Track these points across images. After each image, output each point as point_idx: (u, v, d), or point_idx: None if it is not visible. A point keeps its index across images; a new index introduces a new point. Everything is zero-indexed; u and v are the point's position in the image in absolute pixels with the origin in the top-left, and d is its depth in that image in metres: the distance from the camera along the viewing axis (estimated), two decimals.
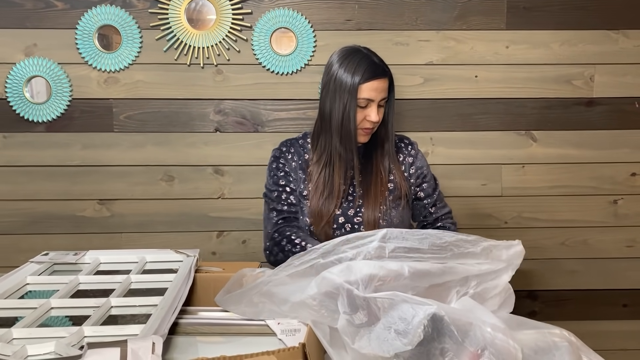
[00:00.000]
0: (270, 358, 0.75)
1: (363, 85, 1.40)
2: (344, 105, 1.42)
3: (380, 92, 1.42)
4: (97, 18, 1.77)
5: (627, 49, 1.86)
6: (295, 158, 1.51)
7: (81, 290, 1.03)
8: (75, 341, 0.77)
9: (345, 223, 1.45)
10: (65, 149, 1.82)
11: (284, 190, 1.49)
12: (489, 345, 0.87)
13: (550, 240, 1.93)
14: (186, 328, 0.94)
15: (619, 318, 1.98)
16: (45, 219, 1.84)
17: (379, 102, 1.43)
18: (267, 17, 1.80)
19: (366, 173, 1.49)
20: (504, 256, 1.07)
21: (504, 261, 1.06)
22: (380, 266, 0.96)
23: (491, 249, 1.06)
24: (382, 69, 1.44)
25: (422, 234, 1.05)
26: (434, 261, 1.01)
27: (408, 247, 1.02)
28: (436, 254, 1.03)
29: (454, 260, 1.03)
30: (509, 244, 1.09)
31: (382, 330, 0.89)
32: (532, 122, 1.88)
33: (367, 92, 1.41)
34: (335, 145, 1.44)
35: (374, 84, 1.41)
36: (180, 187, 1.86)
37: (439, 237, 1.05)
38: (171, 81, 1.82)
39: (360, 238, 1.02)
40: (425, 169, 1.56)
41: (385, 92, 1.44)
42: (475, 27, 1.84)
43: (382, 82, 1.43)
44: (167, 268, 1.16)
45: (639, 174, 1.92)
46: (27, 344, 0.74)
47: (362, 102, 1.41)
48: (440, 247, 1.04)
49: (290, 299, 0.95)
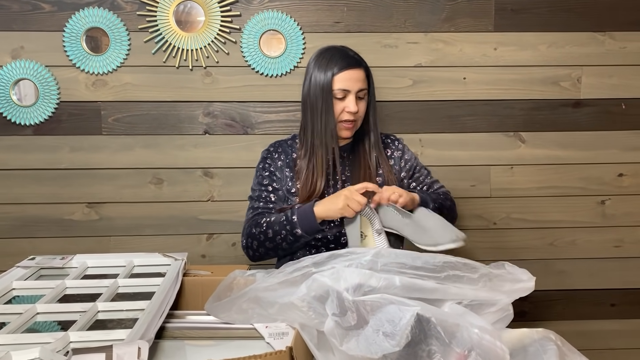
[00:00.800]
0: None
1: (337, 76, 1.42)
2: (322, 100, 1.43)
3: (356, 82, 1.43)
4: (84, 20, 1.76)
5: (614, 50, 1.88)
6: (282, 157, 1.52)
7: (68, 295, 1.02)
8: (61, 347, 0.77)
9: (333, 219, 1.45)
10: (53, 152, 1.81)
11: (266, 189, 1.50)
12: (476, 346, 0.87)
13: (539, 241, 1.94)
14: (174, 332, 0.94)
15: (607, 317, 1.99)
16: (33, 223, 1.83)
17: (357, 93, 1.44)
18: (256, 20, 1.79)
19: (353, 169, 1.50)
20: (506, 288, 1.01)
21: (505, 293, 1.00)
22: (371, 274, 0.96)
23: (491, 277, 1.01)
24: (356, 59, 1.47)
25: (415, 254, 1.03)
26: (428, 280, 0.99)
27: (401, 262, 1.01)
28: (430, 272, 1.01)
29: (449, 283, 0.99)
30: (517, 277, 1.02)
31: (370, 333, 0.89)
32: (520, 123, 1.89)
33: (342, 82, 1.42)
34: (317, 143, 1.45)
35: (348, 74, 1.43)
36: (170, 190, 1.85)
37: (432, 257, 1.03)
38: (160, 83, 1.81)
39: (353, 253, 1.02)
40: (415, 160, 1.58)
41: (361, 82, 1.45)
42: (464, 29, 1.85)
43: (357, 72, 1.44)
44: (155, 272, 1.16)
45: (626, 175, 1.93)
46: (12, 350, 0.74)
47: (339, 94, 1.43)
48: (434, 266, 1.01)
49: (279, 301, 0.95)
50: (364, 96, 1.47)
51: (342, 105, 1.44)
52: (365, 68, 1.48)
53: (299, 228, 1.34)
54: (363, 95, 1.46)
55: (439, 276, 1.00)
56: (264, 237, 1.39)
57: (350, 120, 1.45)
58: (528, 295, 1.05)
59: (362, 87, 1.45)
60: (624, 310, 2.00)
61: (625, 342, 2.00)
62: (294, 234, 1.35)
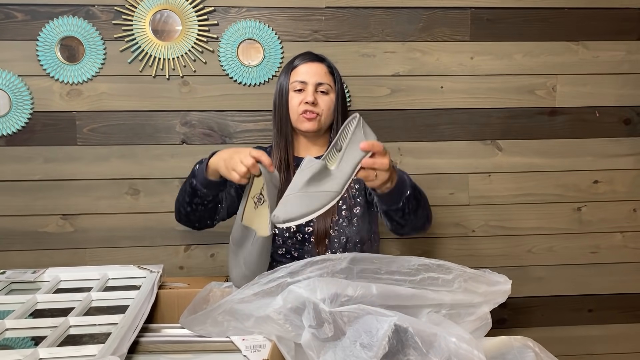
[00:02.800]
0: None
1: (295, 69, 1.47)
2: (280, 96, 1.48)
3: (313, 75, 1.46)
4: (59, 29, 1.74)
5: (587, 59, 1.91)
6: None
7: (39, 310, 1.00)
8: None
9: (296, 232, 1.42)
10: (26, 163, 1.77)
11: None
12: (453, 355, 0.87)
13: (517, 248, 1.96)
14: (148, 346, 0.92)
15: (584, 323, 2.01)
16: (5, 236, 1.78)
17: (317, 86, 1.46)
18: (234, 29, 1.79)
19: None
20: (482, 290, 1.01)
21: (481, 295, 1.01)
22: (347, 284, 0.95)
23: (466, 278, 1.01)
24: (316, 55, 1.51)
25: (390, 257, 1.03)
26: (405, 285, 0.99)
27: (376, 268, 1.01)
28: (405, 276, 1.01)
29: (425, 286, 1.00)
30: (494, 279, 1.02)
31: (347, 344, 0.88)
32: (497, 131, 1.91)
33: (299, 74, 1.46)
34: (280, 137, 1.47)
35: (306, 67, 1.47)
36: (146, 201, 1.83)
37: (407, 260, 1.03)
38: (136, 93, 1.79)
39: (328, 260, 1.01)
40: None
41: (321, 76, 1.46)
42: (440, 38, 1.86)
43: (316, 66, 1.47)
44: (129, 285, 1.14)
45: (601, 182, 1.96)
46: None
47: (297, 85, 1.45)
48: (409, 269, 1.01)
49: (254, 314, 0.94)
50: (327, 91, 1.47)
51: (301, 97, 1.45)
52: (328, 65, 1.50)
53: (194, 178, 1.28)
54: (325, 89, 1.47)
55: (414, 279, 1.01)
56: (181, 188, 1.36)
57: (310, 110, 1.43)
58: (507, 302, 1.05)
59: (321, 80, 1.46)
60: (601, 316, 2.02)
61: (603, 348, 2.02)
62: (191, 185, 1.29)
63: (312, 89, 1.45)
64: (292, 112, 1.47)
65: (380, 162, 1.07)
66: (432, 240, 1.92)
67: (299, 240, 1.42)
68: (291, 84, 1.47)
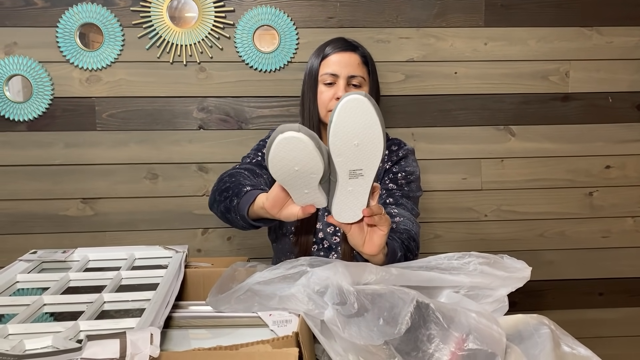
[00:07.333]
0: (265, 347, 0.77)
1: (326, 59, 1.34)
2: (308, 87, 1.37)
3: (346, 67, 1.33)
4: (78, 16, 1.76)
5: (600, 45, 1.92)
6: None
7: (72, 287, 1.03)
8: (72, 335, 0.78)
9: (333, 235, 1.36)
10: (47, 148, 1.81)
11: (257, 154, 1.39)
12: (474, 330, 0.90)
13: (529, 232, 1.98)
14: (179, 322, 0.95)
15: (594, 307, 2.04)
16: (28, 219, 1.83)
17: (349, 79, 1.34)
18: (250, 15, 1.81)
19: None
20: (500, 274, 1.04)
21: (499, 279, 1.03)
22: (368, 266, 0.99)
23: (485, 263, 1.03)
24: (350, 43, 1.37)
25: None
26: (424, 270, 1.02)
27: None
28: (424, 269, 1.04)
29: (443, 270, 1.02)
30: (513, 265, 1.04)
31: (371, 319, 0.91)
32: (510, 117, 1.93)
33: (330, 65, 1.34)
34: None
35: (338, 57, 1.34)
36: (164, 185, 1.86)
37: (428, 261, 1.06)
38: (154, 79, 1.82)
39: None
40: (405, 176, 1.36)
41: (354, 68, 1.34)
42: (454, 24, 1.88)
43: (349, 56, 1.34)
44: (156, 264, 1.17)
45: (613, 167, 1.98)
46: (24, 338, 0.75)
47: (327, 78, 1.34)
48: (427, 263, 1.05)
49: (278, 293, 0.97)
50: (360, 84, 1.36)
51: (331, 92, 1.35)
52: (362, 54, 1.38)
53: (238, 199, 1.13)
54: (358, 82, 1.36)
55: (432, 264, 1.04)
56: (222, 187, 1.22)
57: None
58: None
59: (354, 72, 1.34)
60: (611, 299, 2.05)
61: (613, 331, 2.06)
62: (233, 205, 1.14)
63: (344, 83, 1.34)
64: (322, 106, 1.38)
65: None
66: (445, 224, 1.95)
67: (325, 248, 1.36)
68: (321, 76, 1.36)
